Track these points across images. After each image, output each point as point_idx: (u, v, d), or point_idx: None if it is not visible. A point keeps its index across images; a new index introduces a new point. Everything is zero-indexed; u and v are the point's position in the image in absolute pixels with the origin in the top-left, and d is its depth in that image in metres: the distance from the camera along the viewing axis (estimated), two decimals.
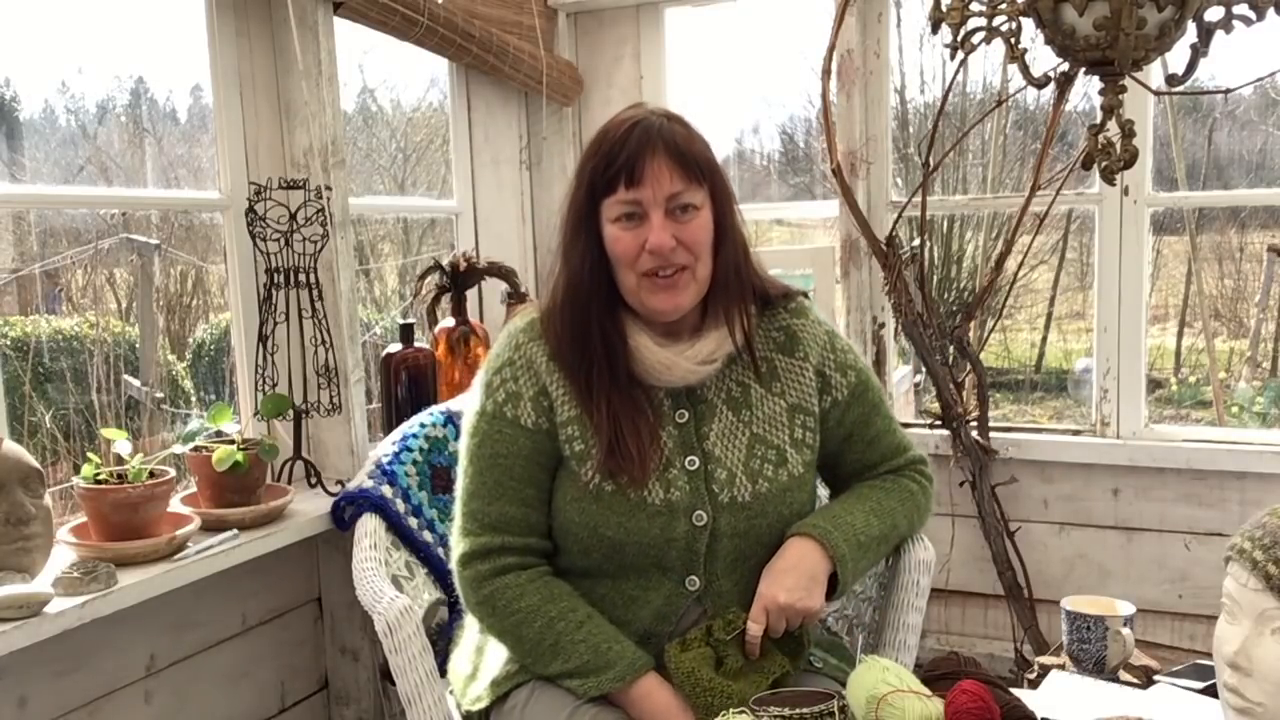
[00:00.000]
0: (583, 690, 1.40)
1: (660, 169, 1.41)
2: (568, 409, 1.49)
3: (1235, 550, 1.15)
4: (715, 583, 1.48)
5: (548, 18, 2.93)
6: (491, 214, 2.97)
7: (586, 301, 1.47)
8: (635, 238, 1.42)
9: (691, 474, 1.48)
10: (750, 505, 1.48)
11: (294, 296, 2.10)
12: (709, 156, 1.47)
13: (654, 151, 1.41)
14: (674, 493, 1.46)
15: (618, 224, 1.43)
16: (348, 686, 2.30)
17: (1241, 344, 6.54)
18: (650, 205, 1.41)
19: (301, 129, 2.17)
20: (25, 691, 1.71)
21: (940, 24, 1.67)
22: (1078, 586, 2.70)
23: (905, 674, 1.23)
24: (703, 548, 1.47)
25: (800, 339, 1.59)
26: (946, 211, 5.18)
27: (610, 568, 1.48)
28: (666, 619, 1.47)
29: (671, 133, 1.43)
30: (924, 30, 1.76)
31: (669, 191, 1.41)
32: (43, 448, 2.72)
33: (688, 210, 1.43)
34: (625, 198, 1.41)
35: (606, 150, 1.43)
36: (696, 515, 1.46)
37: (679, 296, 1.45)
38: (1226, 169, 6.33)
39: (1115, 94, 1.61)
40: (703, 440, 1.50)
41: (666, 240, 1.40)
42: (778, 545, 1.49)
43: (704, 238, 1.45)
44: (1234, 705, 1.14)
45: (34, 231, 2.99)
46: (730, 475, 1.49)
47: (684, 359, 1.47)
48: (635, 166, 1.40)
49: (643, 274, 1.43)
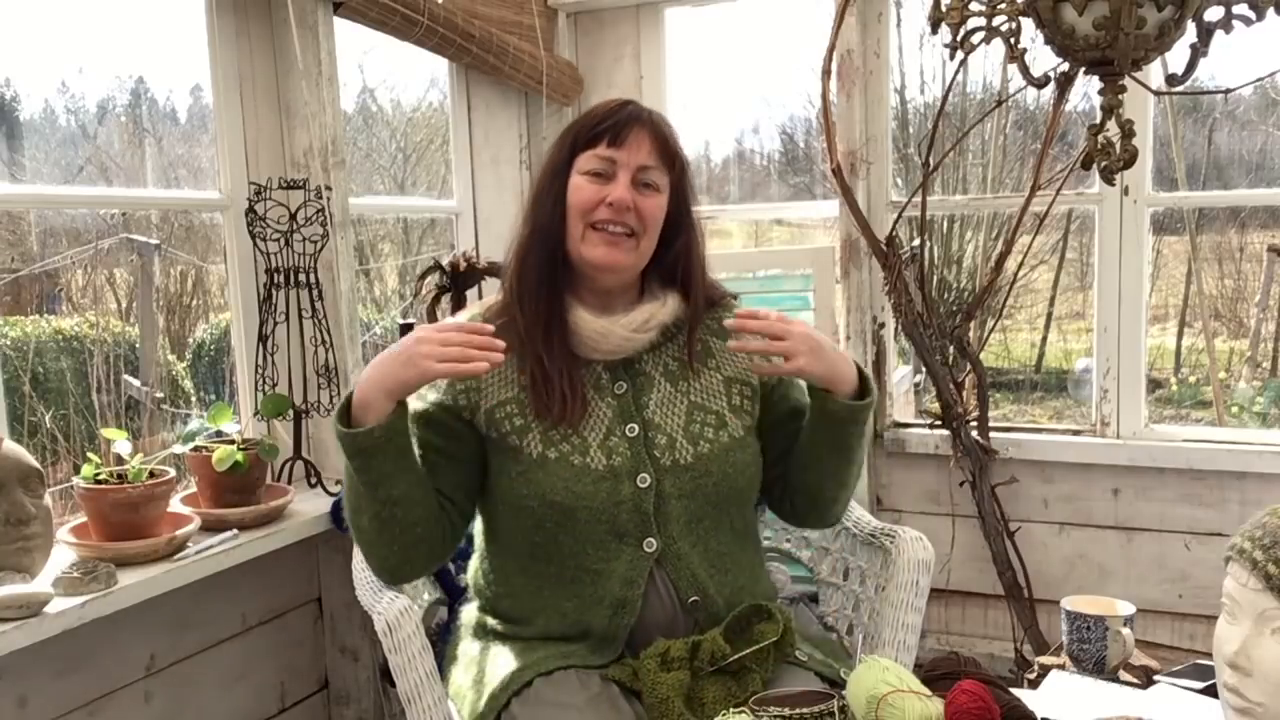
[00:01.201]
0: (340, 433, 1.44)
1: (642, 139, 1.53)
2: (502, 390, 1.55)
3: (1235, 550, 1.15)
4: (673, 545, 1.53)
5: (548, 18, 2.93)
6: (491, 214, 2.97)
7: (551, 248, 1.55)
8: (597, 191, 1.52)
9: (632, 440, 1.54)
10: (694, 466, 1.54)
11: (294, 296, 2.10)
12: (684, 154, 1.59)
13: (640, 124, 1.54)
14: (615, 458, 1.52)
15: (586, 176, 1.53)
16: (347, 686, 2.30)
17: (1241, 344, 6.54)
18: (622, 167, 1.52)
19: (301, 129, 2.17)
20: (25, 691, 1.71)
21: (940, 24, 1.68)
22: (1078, 586, 2.70)
23: (905, 674, 1.23)
24: (650, 509, 1.52)
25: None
26: (946, 211, 5.18)
27: (568, 541, 1.52)
28: (634, 583, 1.51)
29: (659, 117, 1.57)
30: (924, 30, 1.76)
31: (642, 161, 1.52)
32: (43, 448, 2.73)
33: (651, 187, 1.54)
34: (603, 153, 1.52)
35: (598, 115, 1.55)
36: (640, 478, 1.52)
37: (618, 253, 1.53)
38: (1226, 169, 6.33)
39: (1115, 94, 1.61)
40: (642, 409, 1.57)
41: (627, 196, 1.51)
42: (730, 504, 1.58)
43: (657, 215, 1.55)
44: (1234, 705, 1.14)
45: (34, 231, 2.99)
46: (670, 440, 1.55)
47: (619, 327, 1.55)
48: (621, 130, 1.52)
49: (591, 224, 1.52)
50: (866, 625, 1.82)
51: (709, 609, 1.53)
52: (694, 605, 1.53)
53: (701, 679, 1.44)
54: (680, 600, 1.53)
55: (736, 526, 1.61)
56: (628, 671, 1.48)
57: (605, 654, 1.52)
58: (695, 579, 1.53)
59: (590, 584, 1.52)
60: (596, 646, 1.52)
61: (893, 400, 2.92)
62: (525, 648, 1.54)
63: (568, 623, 1.53)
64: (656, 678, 1.41)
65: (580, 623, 1.53)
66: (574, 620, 1.53)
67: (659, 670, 1.42)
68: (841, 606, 1.91)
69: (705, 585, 1.53)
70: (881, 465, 2.90)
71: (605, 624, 1.51)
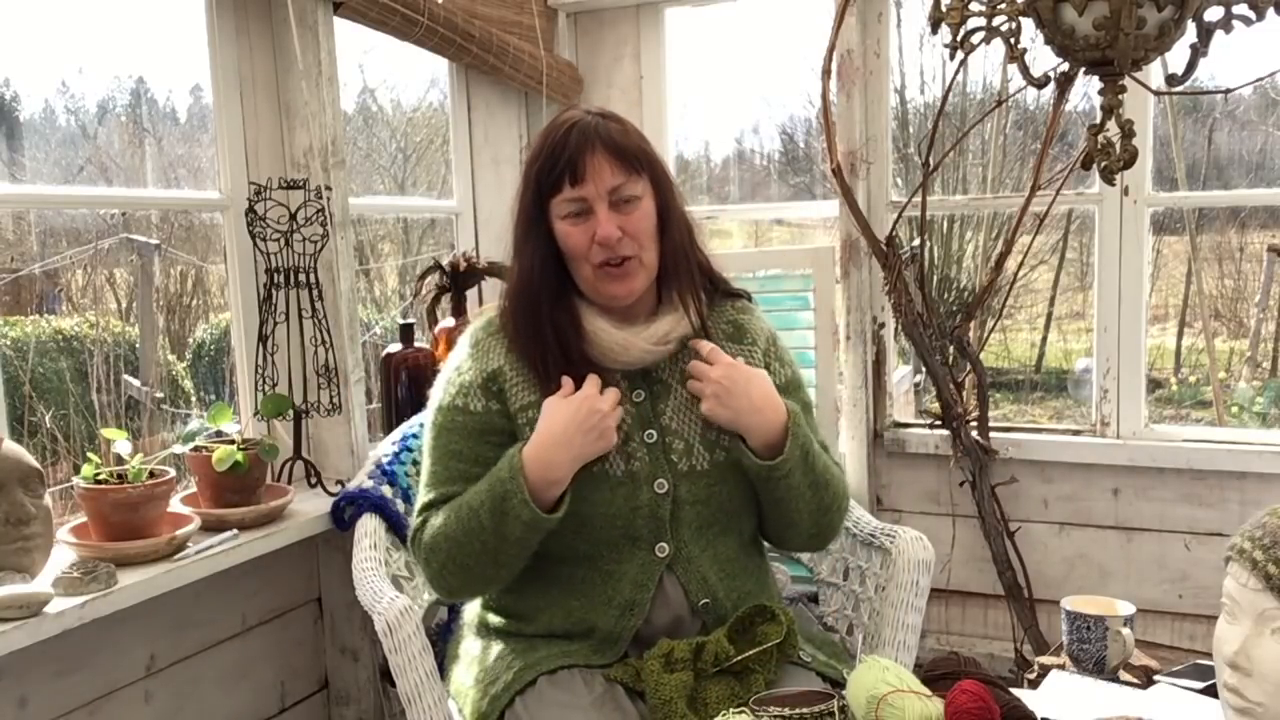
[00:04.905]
0: (519, 509, 1.44)
1: (600, 165, 1.49)
2: (524, 395, 1.56)
3: (1235, 550, 1.15)
4: (684, 549, 1.53)
5: (548, 18, 2.93)
6: (491, 214, 2.97)
7: (537, 295, 1.55)
8: (584, 232, 1.50)
9: (650, 446, 1.55)
10: (709, 473, 1.55)
11: (294, 296, 2.10)
12: (645, 148, 1.56)
13: (593, 149, 1.49)
14: (634, 464, 1.53)
15: (567, 221, 1.52)
16: (348, 686, 2.30)
17: (1241, 344, 6.54)
18: (595, 199, 1.50)
19: (301, 129, 2.17)
20: (25, 691, 1.71)
21: (940, 24, 1.67)
22: (1078, 586, 2.70)
23: (905, 674, 1.23)
24: (666, 514, 1.53)
25: (748, 330, 1.68)
26: (946, 211, 5.18)
27: (583, 546, 1.53)
28: (644, 586, 1.52)
29: (608, 130, 1.52)
30: (924, 30, 1.76)
31: (610, 185, 1.50)
32: (43, 448, 2.73)
33: (630, 201, 1.52)
34: (571, 195, 1.50)
35: (549, 152, 1.52)
36: (658, 483, 1.53)
37: (630, 283, 1.53)
38: (1226, 169, 6.33)
39: (1115, 94, 1.61)
40: (659, 416, 1.57)
41: (613, 231, 1.49)
42: (741, 511, 1.58)
43: (648, 226, 1.54)
44: (1234, 705, 1.14)
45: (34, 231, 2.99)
46: (688, 446, 1.56)
47: (641, 339, 1.55)
48: (577, 165, 1.49)
49: (596, 265, 1.52)
50: (866, 625, 1.82)
51: (718, 612, 1.54)
52: (704, 608, 1.54)
53: (704, 680, 1.44)
54: (691, 604, 1.53)
55: (745, 533, 1.62)
56: (630, 672, 1.48)
57: (608, 654, 1.52)
58: (706, 583, 1.54)
59: (600, 585, 1.53)
60: (600, 646, 1.52)
61: (893, 400, 2.92)
62: (527, 646, 1.54)
63: (572, 620, 1.53)
64: (660, 679, 1.41)
65: (585, 621, 1.53)
66: (579, 618, 1.53)
67: (662, 671, 1.42)
68: (841, 606, 1.91)
69: (715, 589, 1.54)
70: (881, 465, 2.90)
71: (612, 624, 1.51)
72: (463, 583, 1.54)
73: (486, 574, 1.52)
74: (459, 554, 1.50)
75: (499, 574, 1.52)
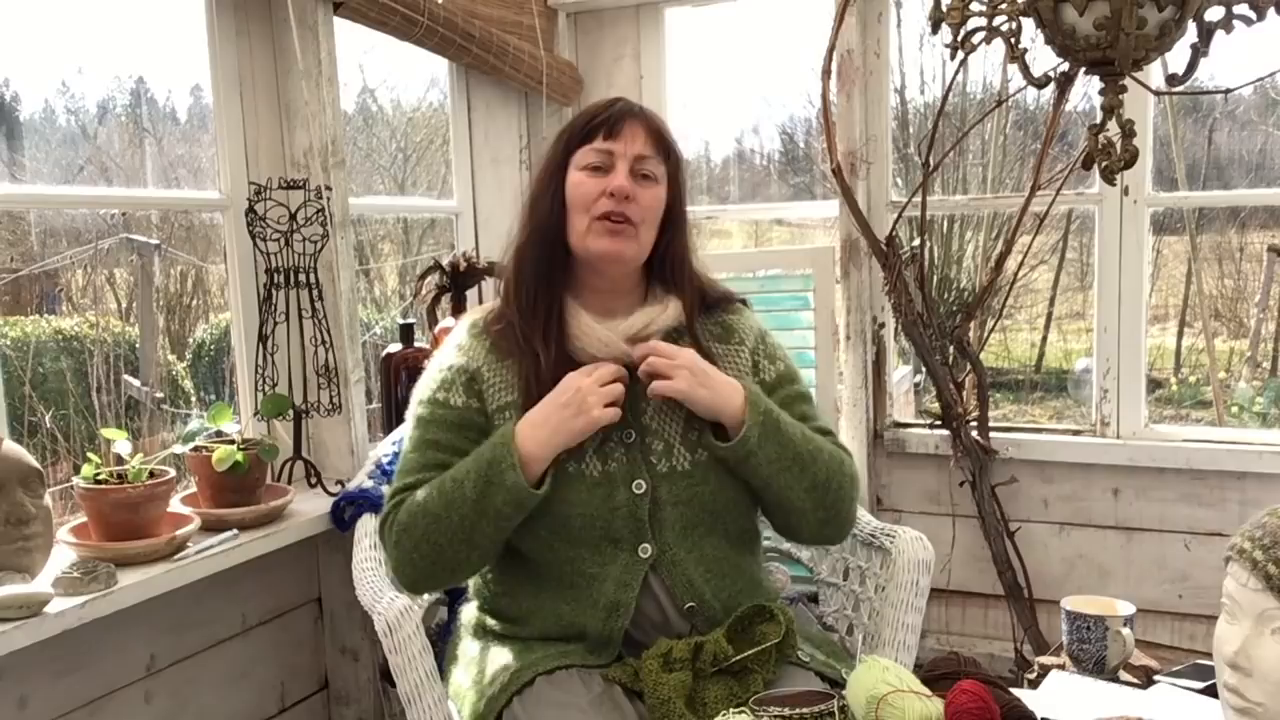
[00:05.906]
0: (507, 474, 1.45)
1: (636, 131, 1.56)
2: (502, 396, 1.57)
3: (1235, 550, 1.15)
4: (669, 550, 1.53)
5: (548, 18, 2.93)
6: (491, 214, 2.97)
7: (551, 248, 1.58)
8: (598, 184, 1.54)
9: (628, 446, 1.55)
10: (691, 473, 1.55)
11: (294, 296, 2.10)
12: (675, 143, 1.62)
13: (634, 117, 1.57)
14: (611, 464, 1.54)
15: (585, 171, 1.55)
16: (348, 686, 2.30)
17: (1241, 344, 6.54)
18: (619, 158, 1.54)
19: (301, 129, 2.17)
20: (25, 691, 1.71)
21: (940, 24, 1.67)
22: (1078, 586, 2.70)
23: (905, 674, 1.23)
24: (646, 515, 1.52)
25: (735, 329, 1.68)
26: (946, 211, 5.17)
27: (563, 547, 1.53)
28: (628, 587, 1.51)
29: (651, 113, 1.61)
30: (924, 30, 1.76)
31: (639, 151, 1.55)
32: (43, 448, 2.72)
33: (649, 178, 1.56)
34: (600, 146, 1.55)
35: (591, 112, 1.59)
36: (636, 484, 1.53)
37: (622, 243, 1.54)
38: (1226, 169, 6.33)
39: (1115, 94, 1.61)
40: (639, 416, 1.57)
41: (627, 184, 1.52)
42: (727, 511, 1.57)
43: (656, 208, 1.57)
44: (1234, 705, 1.13)
45: (34, 231, 2.99)
46: (668, 446, 1.56)
47: (620, 334, 1.56)
48: (615, 123, 1.55)
49: (595, 217, 1.53)
50: (866, 625, 1.82)
51: (706, 614, 1.53)
52: (690, 611, 1.53)
53: (703, 680, 1.44)
54: (677, 606, 1.53)
55: (733, 532, 1.60)
56: (629, 672, 1.48)
57: (602, 656, 1.52)
58: (691, 585, 1.53)
59: (585, 587, 1.53)
60: (593, 648, 1.52)
61: (893, 400, 2.92)
62: (524, 648, 1.54)
63: (564, 623, 1.54)
64: (659, 678, 1.41)
65: (575, 624, 1.53)
66: (570, 621, 1.53)
67: (661, 671, 1.42)
68: (841, 606, 1.91)
69: (701, 591, 1.53)
70: (881, 465, 2.90)
71: (600, 626, 1.51)
72: (430, 566, 1.52)
73: (458, 556, 1.50)
74: (434, 531, 1.49)
75: (470, 557, 1.51)
